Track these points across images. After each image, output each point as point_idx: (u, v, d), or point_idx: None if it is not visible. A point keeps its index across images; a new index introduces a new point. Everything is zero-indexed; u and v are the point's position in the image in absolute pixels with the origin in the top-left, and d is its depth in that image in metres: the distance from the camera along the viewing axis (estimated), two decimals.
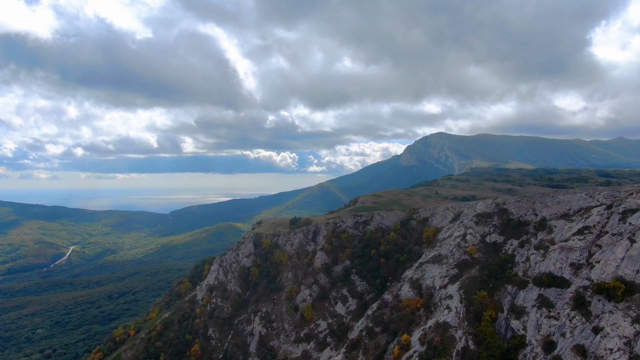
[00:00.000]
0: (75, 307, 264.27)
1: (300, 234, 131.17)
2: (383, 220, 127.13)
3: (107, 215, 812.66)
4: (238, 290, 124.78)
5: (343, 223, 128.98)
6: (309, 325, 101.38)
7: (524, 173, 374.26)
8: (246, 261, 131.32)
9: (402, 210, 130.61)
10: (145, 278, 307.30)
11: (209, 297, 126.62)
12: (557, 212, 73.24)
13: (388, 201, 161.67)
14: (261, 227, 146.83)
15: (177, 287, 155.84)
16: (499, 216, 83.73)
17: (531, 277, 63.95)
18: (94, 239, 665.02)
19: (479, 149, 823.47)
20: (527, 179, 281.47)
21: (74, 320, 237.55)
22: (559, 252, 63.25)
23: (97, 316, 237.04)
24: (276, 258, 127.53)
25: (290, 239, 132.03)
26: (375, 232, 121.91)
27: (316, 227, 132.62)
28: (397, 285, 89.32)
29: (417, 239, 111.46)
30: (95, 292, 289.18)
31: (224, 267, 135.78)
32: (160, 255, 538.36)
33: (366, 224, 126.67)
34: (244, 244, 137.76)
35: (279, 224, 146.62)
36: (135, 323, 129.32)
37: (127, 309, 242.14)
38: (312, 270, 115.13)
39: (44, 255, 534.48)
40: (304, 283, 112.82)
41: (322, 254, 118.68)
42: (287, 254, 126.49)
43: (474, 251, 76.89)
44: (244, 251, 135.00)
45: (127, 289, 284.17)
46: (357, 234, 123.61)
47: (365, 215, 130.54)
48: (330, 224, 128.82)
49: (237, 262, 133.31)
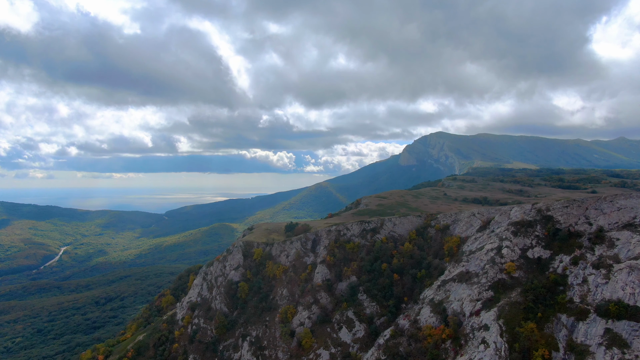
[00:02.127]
0: (60, 313, 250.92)
1: (298, 243, 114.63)
2: (395, 228, 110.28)
3: (101, 215, 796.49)
4: (224, 309, 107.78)
5: (348, 231, 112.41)
6: (308, 354, 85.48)
7: (530, 173, 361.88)
8: (234, 274, 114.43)
9: (418, 216, 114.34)
10: (135, 282, 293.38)
11: (190, 317, 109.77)
12: (617, 221, 59.74)
13: (394, 203, 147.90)
14: (252, 234, 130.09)
15: (158, 301, 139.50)
16: (542, 225, 69.64)
17: (592, 305, 50.36)
18: (86, 240, 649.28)
19: (479, 148, 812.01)
20: (535, 179, 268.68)
21: (57, 329, 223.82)
22: (627, 273, 49.72)
23: (81, 324, 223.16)
24: (269, 271, 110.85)
25: (285, 248, 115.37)
26: (387, 241, 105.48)
27: (316, 235, 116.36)
28: (415, 308, 74.94)
29: (437, 251, 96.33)
30: (82, 297, 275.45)
31: (208, 281, 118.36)
32: (154, 256, 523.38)
33: (375, 232, 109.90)
34: (231, 254, 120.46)
35: (272, 230, 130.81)
36: (105, 345, 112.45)
37: (113, 317, 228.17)
38: (311, 287, 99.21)
39: (34, 257, 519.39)
40: (301, 302, 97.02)
41: (323, 267, 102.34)
42: (282, 266, 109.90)
43: (513, 269, 62.99)
44: (231, 263, 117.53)
45: (115, 294, 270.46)
46: (364, 244, 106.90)
47: (374, 222, 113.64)
48: (333, 232, 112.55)
49: (223, 276, 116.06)
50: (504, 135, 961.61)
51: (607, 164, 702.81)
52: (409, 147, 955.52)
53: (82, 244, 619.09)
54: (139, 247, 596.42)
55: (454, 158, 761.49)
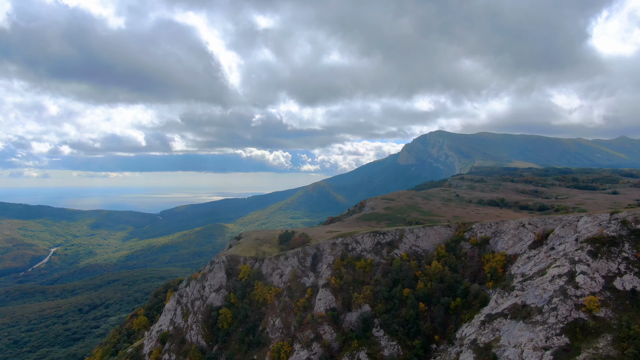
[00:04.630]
0: (40, 321, 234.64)
1: (294, 260, 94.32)
2: (419, 241, 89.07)
3: (93, 215, 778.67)
4: (201, 342, 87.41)
5: (357, 244, 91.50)
6: None
7: (537, 173, 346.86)
8: (214, 298, 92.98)
9: (446, 225, 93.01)
10: (121, 288, 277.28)
11: (159, 352, 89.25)
12: None
13: (403, 206, 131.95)
14: (239, 246, 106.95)
15: (130, 322, 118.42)
16: (632, 243, 53.02)
17: None
18: (77, 240, 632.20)
19: (480, 147, 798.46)
20: (547, 179, 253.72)
21: (35, 340, 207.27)
22: None
23: (60, 335, 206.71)
24: (258, 295, 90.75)
25: (279, 266, 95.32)
26: (408, 259, 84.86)
27: (317, 248, 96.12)
28: (451, 351, 57.00)
29: (476, 273, 75.15)
30: (65, 304, 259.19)
31: (183, 306, 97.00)
32: (146, 258, 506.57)
33: (393, 247, 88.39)
34: (212, 271, 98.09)
35: (264, 241, 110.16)
36: None
37: (95, 327, 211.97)
38: (311, 317, 78.80)
39: (22, 258, 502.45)
40: (299, 338, 76.60)
41: (326, 292, 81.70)
42: (275, 289, 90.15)
43: (596, 305, 46.06)
44: (212, 283, 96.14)
45: (100, 300, 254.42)
46: (379, 262, 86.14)
47: (391, 233, 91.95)
48: (339, 246, 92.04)
49: (201, 299, 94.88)
50: (504, 134, 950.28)
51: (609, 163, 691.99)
52: (408, 146, 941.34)
53: (73, 245, 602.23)
54: (131, 248, 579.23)
55: (454, 157, 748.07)
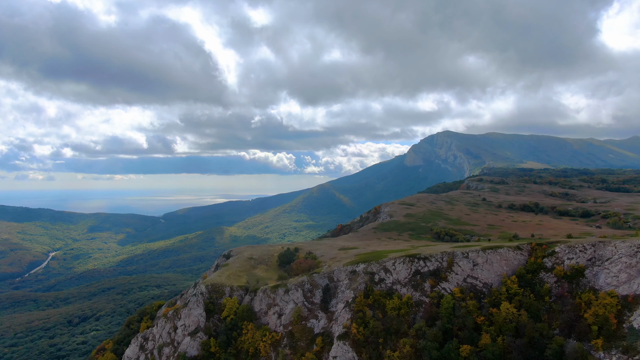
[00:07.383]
0: (26, 335, 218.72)
1: (298, 294, 68.51)
2: (477, 271, 60.73)
3: (94, 218, 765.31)
4: None
5: (387, 274, 63.82)
6: None
7: (555, 174, 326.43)
8: (189, 345, 67.50)
9: (516, 249, 63.00)
10: (115, 297, 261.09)
11: None
12: None
13: (426, 213, 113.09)
14: (226, 270, 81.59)
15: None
16: None
17: None
18: (77, 244, 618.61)
19: (489, 148, 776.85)
20: (573, 180, 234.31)
21: (17, 357, 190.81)
22: None
23: (44, 352, 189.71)
24: (247, 342, 65.19)
25: (277, 301, 69.51)
26: (462, 296, 57.60)
27: (330, 278, 69.49)
28: None
29: (570, 321, 49.73)
30: (55, 315, 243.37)
31: (148, 353, 72.32)
32: (146, 263, 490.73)
33: (438, 277, 61.33)
34: (187, 307, 72.70)
35: (259, 261, 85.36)
36: None
37: (82, 343, 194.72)
38: None
39: (19, 263, 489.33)
40: None
41: (344, 347, 55.65)
42: (271, 334, 64.88)
43: None
44: (186, 323, 70.90)
45: (92, 311, 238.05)
46: (420, 301, 59.25)
47: (435, 259, 63.65)
48: (360, 275, 65.36)
49: (172, 345, 69.80)
50: (513, 135, 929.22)
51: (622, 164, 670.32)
52: (415, 146, 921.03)
53: (72, 249, 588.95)
54: (132, 253, 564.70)
55: (463, 158, 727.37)
